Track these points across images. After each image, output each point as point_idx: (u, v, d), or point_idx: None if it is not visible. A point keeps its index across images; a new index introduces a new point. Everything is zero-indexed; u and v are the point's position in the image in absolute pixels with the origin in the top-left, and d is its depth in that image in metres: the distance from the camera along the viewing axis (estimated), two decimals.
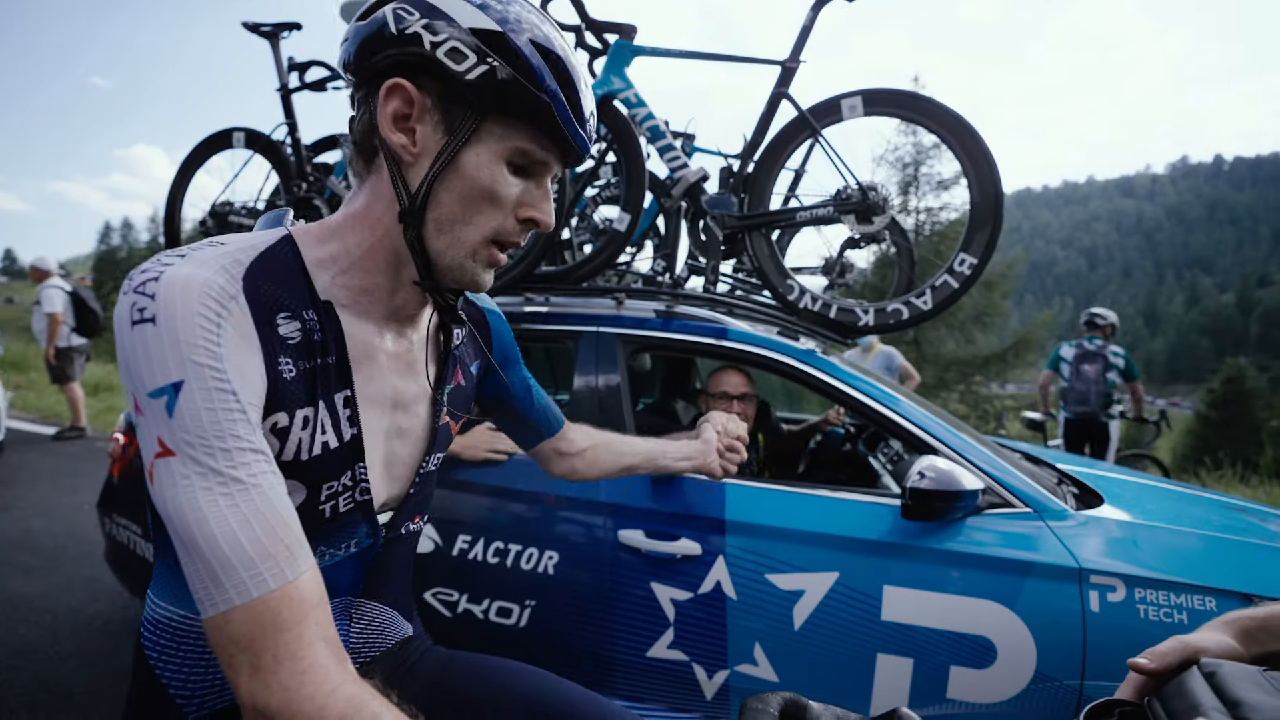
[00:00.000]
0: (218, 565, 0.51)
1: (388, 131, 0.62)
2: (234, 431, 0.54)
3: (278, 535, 0.54)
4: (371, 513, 0.73)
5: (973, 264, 1.69)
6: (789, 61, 1.87)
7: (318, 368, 0.65)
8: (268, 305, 0.60)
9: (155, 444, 0.53)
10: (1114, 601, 1.40)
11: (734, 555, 1.59)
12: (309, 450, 0.64)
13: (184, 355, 0.53)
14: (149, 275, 0.55)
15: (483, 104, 0.61)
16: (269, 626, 0.51)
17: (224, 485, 0.53)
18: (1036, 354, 14.13)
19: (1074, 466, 2.20)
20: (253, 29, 2.46)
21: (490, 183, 0.64)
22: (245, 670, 0.50)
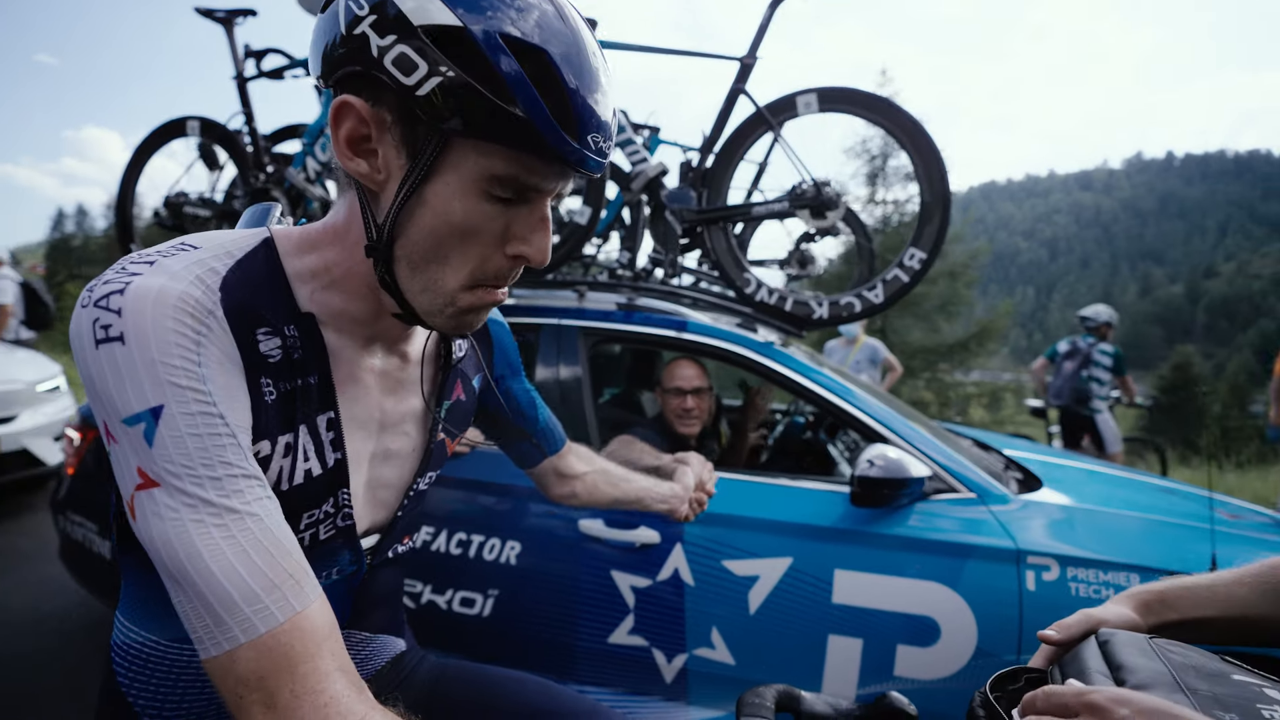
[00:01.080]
0: (217, 603, 0.46)
1: (344, 158, 0.54)
2: (224, 458, 0.49)
3: (280, 565, 0.49)
4: (354, 539, 0.68)
5: (922, 259, 1.75)
6: (746, 58, 1.90)
7: (299, 389, 0.59)
8: (248, 320, 0.54)
9: (135, 475, 0.48)
10: (1048, 580, 1.48)
11: (691, 543, 1.63)
12: (289, 479, 0.59)
13: (161, 377, 0.48)
14: (112, 287, 0.48)
15: (442, 122, 0.49)
16: (281, 663, 0.47)
17: (217, 516, 0.48)
18: (998, 342, 14.54)
19: (1018, 452, 2.29)
20: (206, 14, 2.39)
21: (463, 218, 0.53)
22: (259, 711, 0.46)
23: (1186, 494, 2.05)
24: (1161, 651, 0.53)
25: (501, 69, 0.47)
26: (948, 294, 13.12)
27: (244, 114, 2.41)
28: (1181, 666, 0.50)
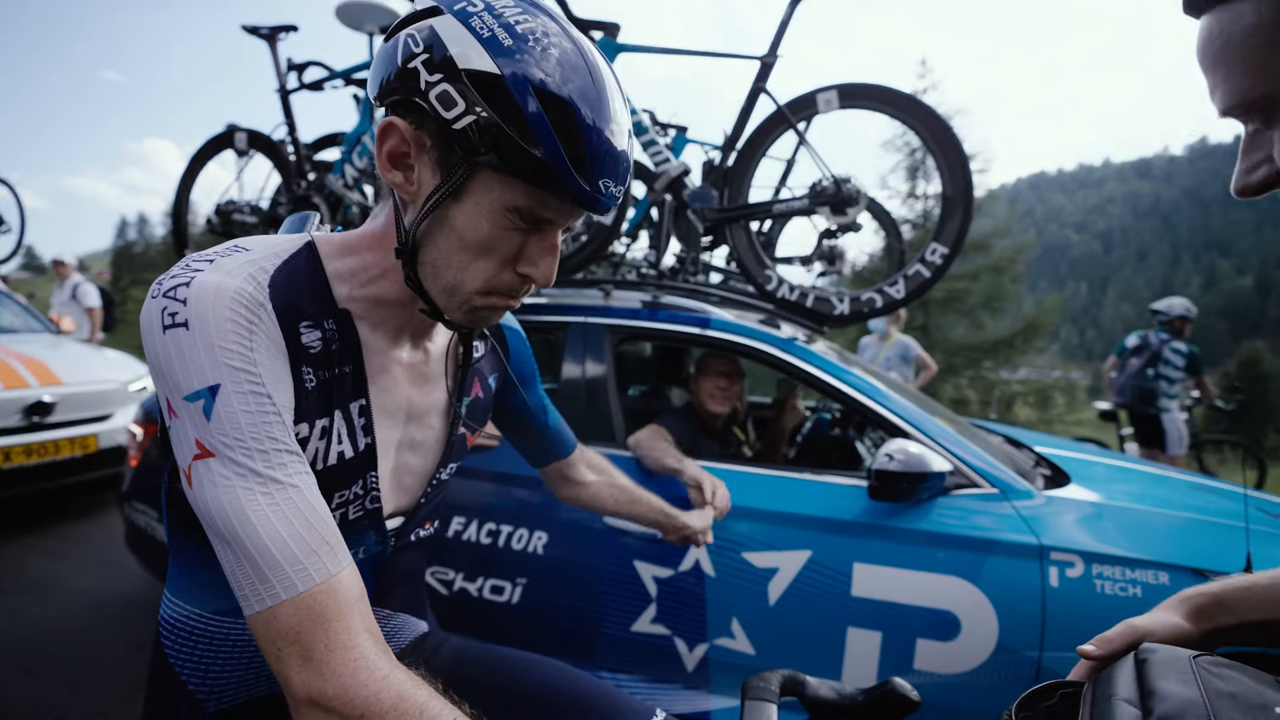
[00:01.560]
0: (263, 563, 0.52)
1: (384, 169, 0.61)
2: (270, 434, 0.55)
3: (318, 532, 0.55)
4: (380, 521, 0.73)
5: (944, 253, 1.75)
6: (767, 57, 1.92)
7: (335, 377, 0.65)
8: (292, 314, 0.61)
9: (193, 446, 0.54)
10: (1072, 577, 1.47)
11: (712, 535, 1.67)
12: (324, 460, 0.64)
13: (219, 359, 0.54)
14: (179, 281, 0.55)
15: (472, 153, 0.56)
16: (317, 619, 0.52)
17: (264, 485, 0.54)
18: (1046, 339, 14.04)
19: (1051, 449, 2.25)
20: (252, 31, 2.54)
21: (482, 237, 0.60)
22: (296, 662, 0.51)
23: (1224, 492, 1.99)
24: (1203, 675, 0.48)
25: (529, 115, 0.54)
26: (992, 289, 12.75)
27: (286, 124, 2.55)
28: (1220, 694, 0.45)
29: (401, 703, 0.51)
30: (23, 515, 3.94)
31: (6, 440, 3.45)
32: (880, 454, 1.54)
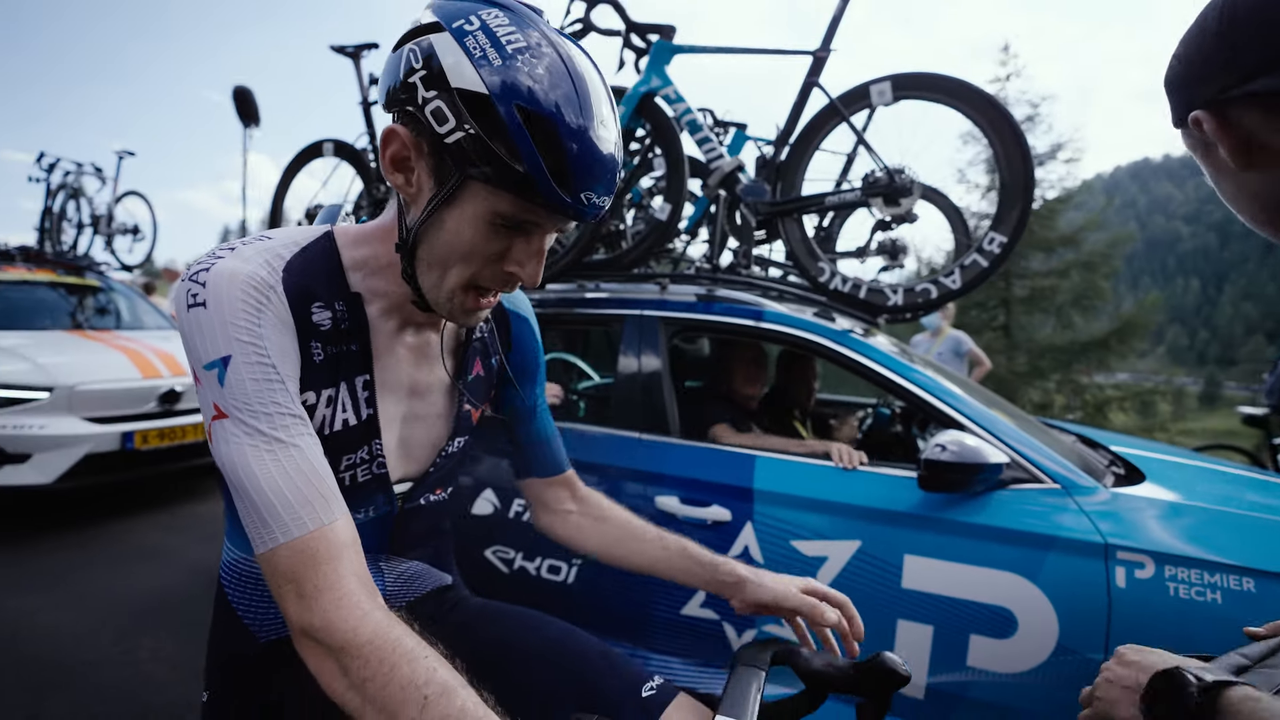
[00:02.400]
0: (265, 510, 0.60)
1: (387, 171, 0.67)
2: (274, 399, 0.63)
3: (314, 487, 0.62)
4: (388, 485, 0.80)
5: (1002, 242, 1.70)
6: (819, 51, 1.92)
7: (343, 353, 0.72)
8: (303, 296, 0.68)
9: (212, 408, 0.62)
10: (1142, 578, 1.40)
11: (761, 522, 1.70)
12: (330, 426, 0.72)
13: (230, 334, 0.62)
14: (202, 267, 0.64)
15: (462, 165, 0.61)
16: (309, 561, 0.59)
17: (268, 444, 0.61)
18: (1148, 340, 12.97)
19: (1132, 450, 2.13)
20: (339, 50, 2.76)
21: (468, 242, 0.65)
22: (292, 598, 0.59)
23: None
24: None
25: (512, 132, 0.58)
26: (1082, 287, 11.92)
27: (368, 134, 2.75)
28: None
29: (377, 637, 0.57)
30: (151, 492, 4.42)
31: (145, 425, 3.88)
32: (931, 444, 1.52)
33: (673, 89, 2.12)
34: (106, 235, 5.67)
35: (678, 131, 2.14)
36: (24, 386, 3.59)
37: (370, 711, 0.56)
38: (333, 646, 0.57)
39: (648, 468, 1.86)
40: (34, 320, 4.53)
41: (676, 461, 1.84)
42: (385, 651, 0.56)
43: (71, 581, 3.04)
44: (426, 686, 0.55)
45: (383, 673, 0.55)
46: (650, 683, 0.83)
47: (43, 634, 2.56)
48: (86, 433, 3.65)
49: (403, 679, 0.55)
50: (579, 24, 2.31)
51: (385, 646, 0.57)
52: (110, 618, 2.70)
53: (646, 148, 2.59)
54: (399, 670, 0.56)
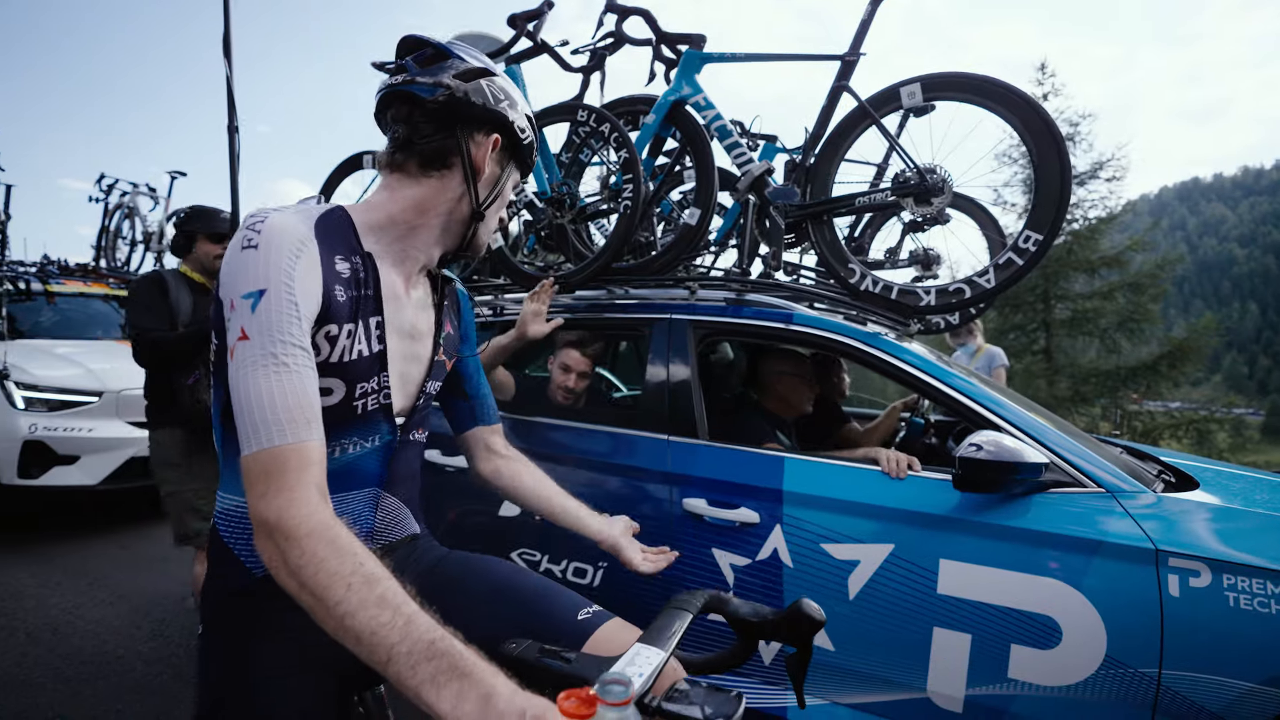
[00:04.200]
0: (259, 418, 0.71)
1: (480, 158, 0.94)
2: (290, 331, 0.75)
3: (302, 409, 0.73)
4: (391, 415, 0.94)
5: (1038, 240, 1.65)
6: (849, 55, 1.92)
7: (360, 296, 0.87)
8: (329, 249, 0.84)
9: (239, 331, 0.74)
10: (1197, 587, 1.32)
11: (791, 525, 1.66)
12: (349, 354, 0.86)
13: (270, 274, 0.76)
14: (259, 219, 0.79)
15: (521, 154, 1.00)
16: (281, 467, 0.70)
17: (275, 366, 0.73)
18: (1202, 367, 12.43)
19: (1181, 460, 2.04)
20: (379, 67, 2.86)
21: (506, 199, 1.03)
22: (257, 494, 0.69)
23: None
24: None
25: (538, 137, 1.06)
26: (1128, 309, 11.52)
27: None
28: None
29: (316, 531, 0.67)
30: None
31: None
32: (965, 443, 1.47)
33: (703, 96, 2.14)
34: (157, 252, 5.94)
35: (708, 138, 2.15)
36: (76, 391, 3.75)
37: (305, 594, 0.65)
38: (280, 537, 0.67)
39: (676, 469, 1.84)
40: (88, 330, 4.75)
41: (705, 463, 1.82)
42: (321, 544, 0.66)
43: (111, 581, 3.12)
44: (352, 575, 0.64)
45: (315, 562, 0.65)
46: (587, 609, 0.98)
47: (83, 630, 2.63)
48: (131, 436, 3.79)
49: (331, 568, 0.64)
50: (610, 36, 2.36)
51: (323, 540, 0.66)
52: (146, 616, 2.77)
53: (676, 158, 2.62)
54: (329, 561, 0.65)
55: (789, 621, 0.78)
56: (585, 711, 0.55)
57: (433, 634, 0.61)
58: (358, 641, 0.61)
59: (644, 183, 2.15)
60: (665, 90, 2.20)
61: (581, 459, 1.96)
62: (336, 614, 0.62)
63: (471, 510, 2.09)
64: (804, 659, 0.79)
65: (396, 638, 0.60)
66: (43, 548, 3.54)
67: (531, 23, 2.37)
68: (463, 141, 0.92)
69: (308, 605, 0.65)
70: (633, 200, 2.06)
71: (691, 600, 0.81)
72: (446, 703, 0.57)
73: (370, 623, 0.61)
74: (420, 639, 0.60)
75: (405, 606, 0.63)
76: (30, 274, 4.89)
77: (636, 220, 2.09)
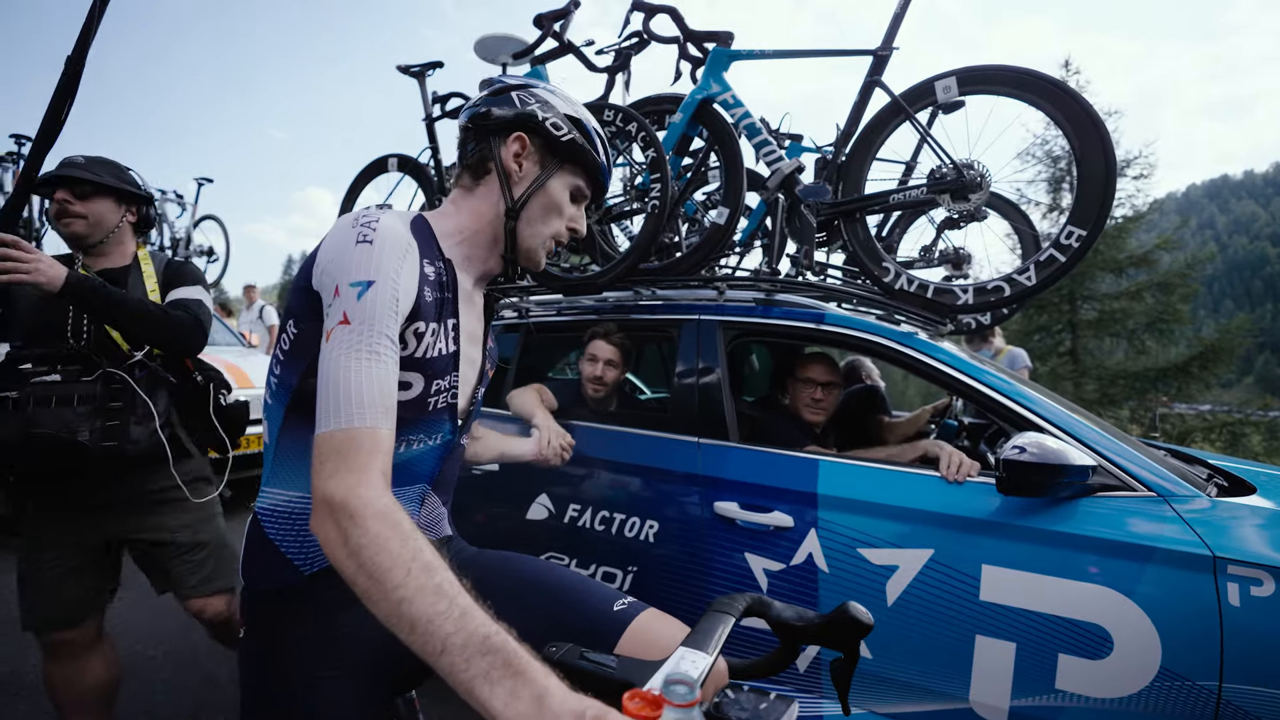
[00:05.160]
0: (343, 398, 0.73)
1: (507, 160, 0.99)
2: (386, 324, 0.79)
3: (384, 398, 0.76)
4: (455, 414, 0.98)
5: (1081, 236, 1.60)
6: (881, 50, 1.89)
7: (442, 299, 0.93)
8: (423, 253, 0.90)
9: (341, 315, 0.78)
10: (1260, 596, 1.27)
11: (826, 529, 1.62)
12: (434, 351, 0.90)
13: (380, 268, 0.80)
14: (372, 219, 0.84)
15: (564, 155, 1.01)
16: (351, 448, 0.71)
17: (367, 354, 0.76)
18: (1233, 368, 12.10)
19: (1231, 464, 1.96)
20: (404, 70, 2.88)
21: (559, 203, 1.02)
22: (326, 472, 0.70)
23: None
24: None
25: (593, 138, 1.03)
26: (1157, 310, 11.25)
27: (431, 149, 2.84)
28: None
29: (381, 514, 0.67)
30: None
31: None
32: (1008, 445, 1.43)
33: (731, 94, 2.12)
34: (184, 258, 6.04)
35: (736, 136, 2.13)
36: None
37: (361, 576, 0.64)
38: (344, 515, 0.67)
39: (707, 472, 1.81)
40: None
41: (736, 466, 1.79)
42: (384, 526, 0.66)
43: (142, 582, 3.15)
44: (413, 561, 0.64)
45: (377, 543, 0.65)
46: (621, 600, 0.98)
47: (113, 628, 2.65)
48: None
49: (394, 550, 0.64)
50: (636, 36, 2.35)
51: (386, 523, 0.66)
52: (174, 617, 2.78)
53: (702, 158, 2.59)
54: (391, 543, 0.65)
55: (834, 625, 0.76)
56: (651, 713, 0.55)
57: (487, 628, 0.60)
58: (412, 629, 0.61)
59: (671, 182, 2.13)
60: (692, 89, 2.18)
61: (610, 462, 1.93)
62: (394, 598, 0.62)
63: (499, 514, 2.08)
64: (850, 665, 0.77)
65: (451, 628, 0.60)
66: None
67: (558, 23, 2.36)
68: (495, 147, 0.99)
69: (363, 588, 0.64)
70: (660, 200, 2.04)
71: (734, 603, 0.79)
72: (499, 700, 0.56)
73: (427, 610, 0.61)
74: (475, 632, 0.60)
75: (461, 598, 0.62)
76: None
77: (664, 221, 2.07)
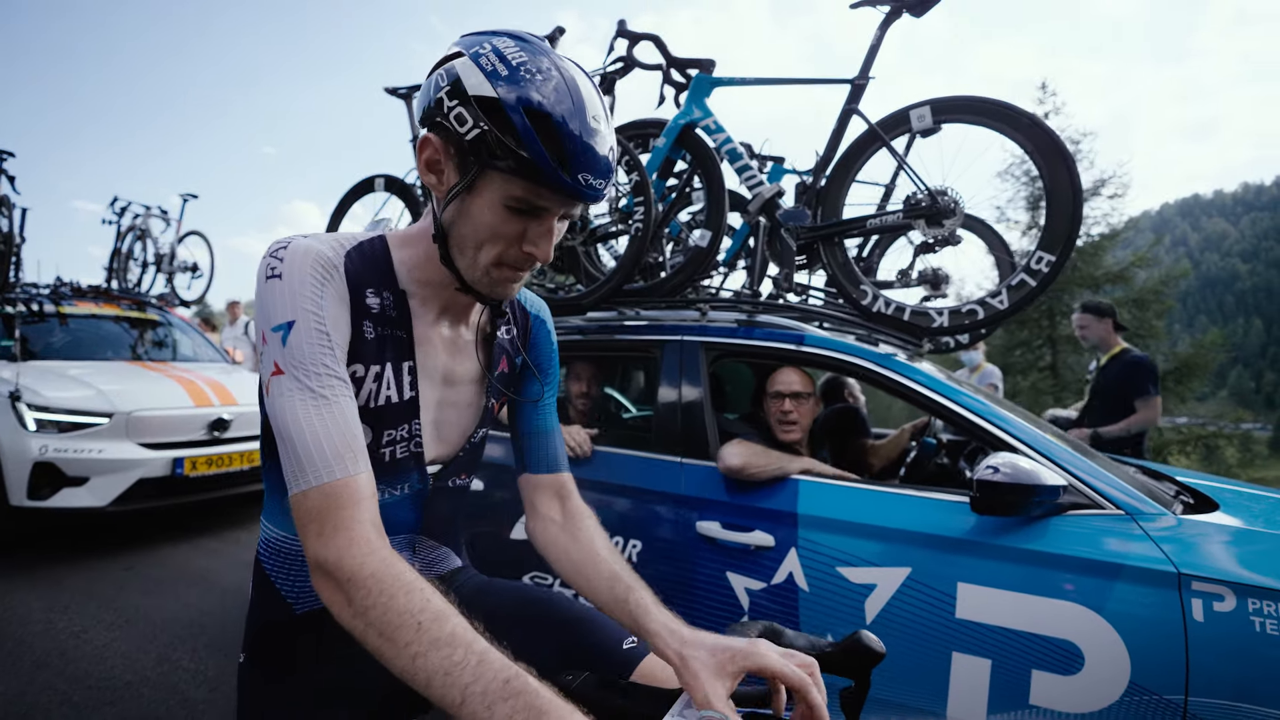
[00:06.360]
0: (304, 456, 0.68)
1: (421, 172, 0.79)
2: (324, 362, 0.72)
3: (347, 442, 0.70)
4: (422, 464, 0.88)
5: (1050, 261, 1.66)
6: (858, 79, 1.95)
7: (390, 337, 0.82)
8: (360, 279, 0.79)
9: (272, 365, 0.71)
10: (1222, 611, 1.31)
11: (806, 548, 1.64)
12: (375, 400, 0.81)
13: (297, 303, 0.72)
14: (282, 245, 0.75)
15: (481, 158, 0.72)
16: (333, 504, 0.67)
17: (314, 399, 0.70)
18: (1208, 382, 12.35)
19: (1197, 480, 2.02)
20: (392, 92, 2.92)
21: (489, 224, 0.75)
22: (313, 535, 0.67)
23: None
24: None
25: (518, 127, 0.69)
26: (1133, 326, 11.51)
27: (418, 170, 2.87)
28: None
29: (380, 570, 0.64)
30: (197, 518, 4.54)
31: (194, 451, 4.02)
32: (983, 465, 1.46)
33: (713, 120, 2.17)
34: (168, 273, 5.99)
35: (718, 161, 2.18)
36: (86, 412, 3.76)
37: (371, 635, 0.62)
38: (341, 578, 0.64)
39: (689, 492, 1.83)
40: (99, 351, 4.78)
41: (718, 486, 1.81)
42: (386, 583, 0.63)
43: (119, 604, 3.10)
44: (421, 614, 0.61)
45: (382, 601, 0.62)
46: (630, 639, 0.91)
47: (90, 654, 2.61)
48: (140, 457, 3.80)
49: (400, 607, 0.62)
50: (621, 61, 2.40)
51: (387, 579, 0.64)
52: (154, 640, 2.75)
53: (685, 180, 2.64)
54: (397, 599, 0.62)
55: (846, 653, 0.75)
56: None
57: (507, 672, 0.59)
58: (428, 683, 0.58)
59: (655, 205, 2.17)
60: (675, 114, 2.23)
61: (594, 482, 1.95)
62: (408, 654, 0.60)
63: (483, 533, 2.08)
64: (861, 693, 0.76)
65: (470, 677, 0.58)
66: (51, 570, 3.53)
67: None
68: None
69: (374, 647, 0.62)
70: (644, 222, 2.08)
71: (746, 631, 0.79)
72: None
73: (443, 662, 0.59)
74: (495, 678, 0.58)
75: (476, 644, 0.60)
76: (43, 296, 4.93)
77: (648, 243, 2.11)
